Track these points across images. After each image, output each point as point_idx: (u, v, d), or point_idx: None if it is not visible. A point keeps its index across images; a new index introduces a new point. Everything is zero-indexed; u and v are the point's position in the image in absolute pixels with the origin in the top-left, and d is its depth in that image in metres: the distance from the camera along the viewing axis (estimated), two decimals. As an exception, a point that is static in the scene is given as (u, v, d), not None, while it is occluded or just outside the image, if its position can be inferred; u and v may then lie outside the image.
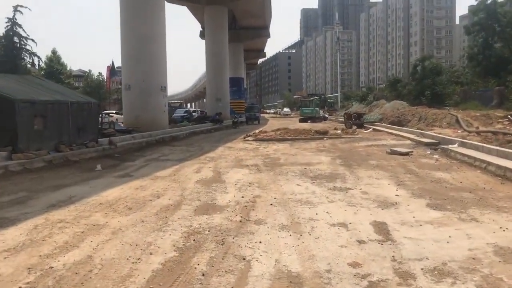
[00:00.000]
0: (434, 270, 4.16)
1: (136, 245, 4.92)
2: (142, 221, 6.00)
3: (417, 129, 24.37)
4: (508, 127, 20.78)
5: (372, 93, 55.51)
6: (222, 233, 5.37)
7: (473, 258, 4.46)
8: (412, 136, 19.51)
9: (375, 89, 63.17)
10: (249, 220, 5.99)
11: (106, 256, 4.58)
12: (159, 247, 4.85)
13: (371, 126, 29.30)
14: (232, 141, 20.72)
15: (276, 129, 25.10)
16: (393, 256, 4.52)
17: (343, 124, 32.83)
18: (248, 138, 20.95)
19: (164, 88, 23.84)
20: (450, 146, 13.67)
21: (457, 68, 47.82)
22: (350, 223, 5.85)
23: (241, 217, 6.18)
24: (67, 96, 14.37)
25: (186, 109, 47.76)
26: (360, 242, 5.03)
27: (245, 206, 6.87)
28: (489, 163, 10.03)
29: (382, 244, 4.93)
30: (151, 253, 4.66)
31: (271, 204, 6.95)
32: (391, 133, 23.19)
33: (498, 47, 41.38)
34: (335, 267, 4.24)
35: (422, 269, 4.18)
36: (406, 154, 13.69)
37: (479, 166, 10.42)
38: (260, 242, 5.01)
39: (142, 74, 22.96)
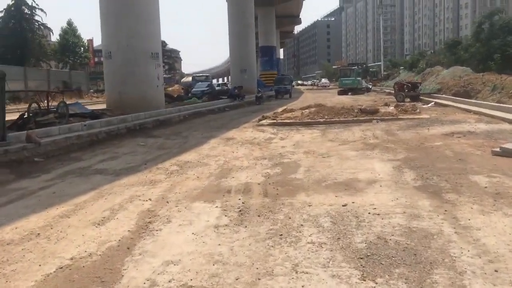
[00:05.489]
0: None
1: None
2: None
3: (497, 102, 17.83)
4: None
5: (424, 58, 47.53)
6: None
7: None
8: (508, 115, 12.90)
9: (427, 54, 54.84)
10: None
11: None
12: None
13: (432, 99, 22.57)
14: (241, 125, 14.68)
15: (306, 106, 18.86)
16: None
17: (393, 97, 26.27)
18: (264, 121, 14.87)
19: (156, 55, 17.92)
20: None
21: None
22: None
23: None
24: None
25: (208, 82, 41.78)
26: None
27: None
28: None
29: None
30: None
31: None
32: (466, 110, 16.52)
33: None
34: None
35: None
36: (535, 156, 7.36)
37: None
38: None
39: (125, 37, 17.08)
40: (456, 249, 3.73)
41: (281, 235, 4.20)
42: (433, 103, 21.09)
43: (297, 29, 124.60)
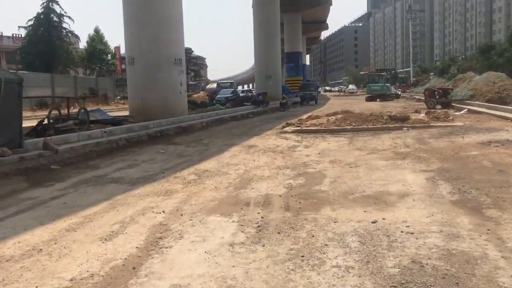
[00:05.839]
0: None
1: None
2: None
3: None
4: None
5: (455, 64, 46.15)
6: None
7: None
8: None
9: (458, 60, 53.24)
10: None
11: None
12: None
13: (464, 106, 21.68)
14: (264, 132, 14.29)
15: (332, 112, 18.32)
16: None
17: (423, 103, 25.39)
18: (288, 128, 14.43)
19: (179, 62, 17.72)
20: None
21: None
22: None
23: None
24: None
25: (233, 89, 41.59)
26: None
27: None
28: None
29: None
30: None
31: None
32: (503, 117, 15.69)
33: None
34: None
35: None
36: None
37: None
38: None
39: (148, 42, 16.93)
40: (505, 278, 3.22)
41: (303, 256, 3.75)
42: (465, 110, 20.24)
43: (324, 35, 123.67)
